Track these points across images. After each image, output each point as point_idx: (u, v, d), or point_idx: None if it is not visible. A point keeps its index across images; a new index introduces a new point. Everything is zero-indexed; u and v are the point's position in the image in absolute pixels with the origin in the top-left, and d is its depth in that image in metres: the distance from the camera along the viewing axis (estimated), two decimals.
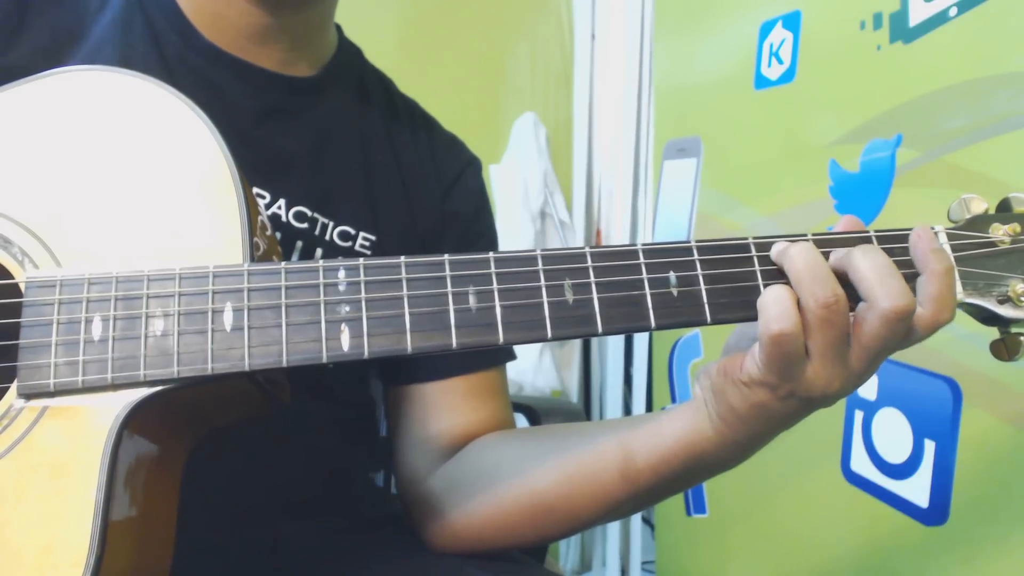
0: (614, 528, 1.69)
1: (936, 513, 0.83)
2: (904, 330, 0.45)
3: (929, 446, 0.84)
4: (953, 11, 0.82)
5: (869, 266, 0.45)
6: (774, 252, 0.47)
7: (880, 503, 0.91)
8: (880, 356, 0.46)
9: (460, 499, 0.62)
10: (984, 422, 0.78)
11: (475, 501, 0.61)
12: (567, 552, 1.80)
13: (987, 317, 0.49)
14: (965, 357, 0.80)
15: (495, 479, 0.60)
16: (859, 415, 0.95)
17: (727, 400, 0.48)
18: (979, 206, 0.50)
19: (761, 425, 0.48)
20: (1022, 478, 0.75)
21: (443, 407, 0.68)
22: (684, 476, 0.52)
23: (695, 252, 0.47)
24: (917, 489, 0.86)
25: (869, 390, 0.93)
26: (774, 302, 0.44)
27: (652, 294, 0.46)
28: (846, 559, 0.98)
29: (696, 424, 0.50)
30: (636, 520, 1.64)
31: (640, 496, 0.55)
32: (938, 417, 0.83)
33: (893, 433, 0.89)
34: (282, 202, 0.64)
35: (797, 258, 0.45)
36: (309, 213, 0.65)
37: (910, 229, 0.48)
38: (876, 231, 0.49)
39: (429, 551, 0.65)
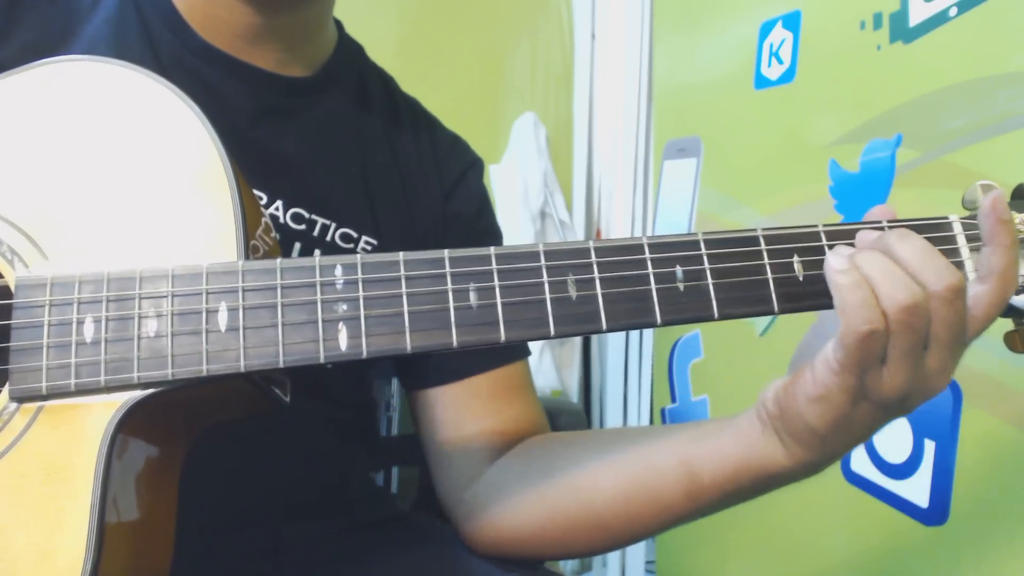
0: None
1: (936, 513, 0.83)
2: (963, 310, 0.43)
3: (929, 446, 0.84)
4: (953, 11, 0.82)
5: (909, 251, 0.43)
6: (836, 265, 0.44)
7: (880, 503, 0.91)
8: (953, 348, 0.44)
9: (510, 509, 0.61)
10: (984, 422, 0.78)
11: (526, 513, 0.60)
12: None
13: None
14: (965, 357, 0.79)
15: (548, 493, 0.59)
16: None
17: (804, 421, 0.45)
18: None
19: (841, 441, 0.46)
20: (1022, 478, 0.74)
21: (471, 409, 0.67)
22: (751, 493, 0.51)
23: (702, 245, 0.45)
24: (917, 489, 0.85)
25: None
26: (861, 304, 0.42)
27: (658, 289, 0.44)
28: (846, 559, 0.98)
29: (766, 448, 0.48)
30: None
31: (702, 511, 0.53)
32: (938, 417, 0.83)
33: (893, 433, 0.89)
34: (279, 203, 0.64)
35: (868, 265, 0.43)
36: (307, 215, 0.65)
37: (923, 220, 0.47)
38: (889, 222, 0.47)
39: (428, 549, 0.65)
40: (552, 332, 0.43)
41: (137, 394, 0.42)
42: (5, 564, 0.40)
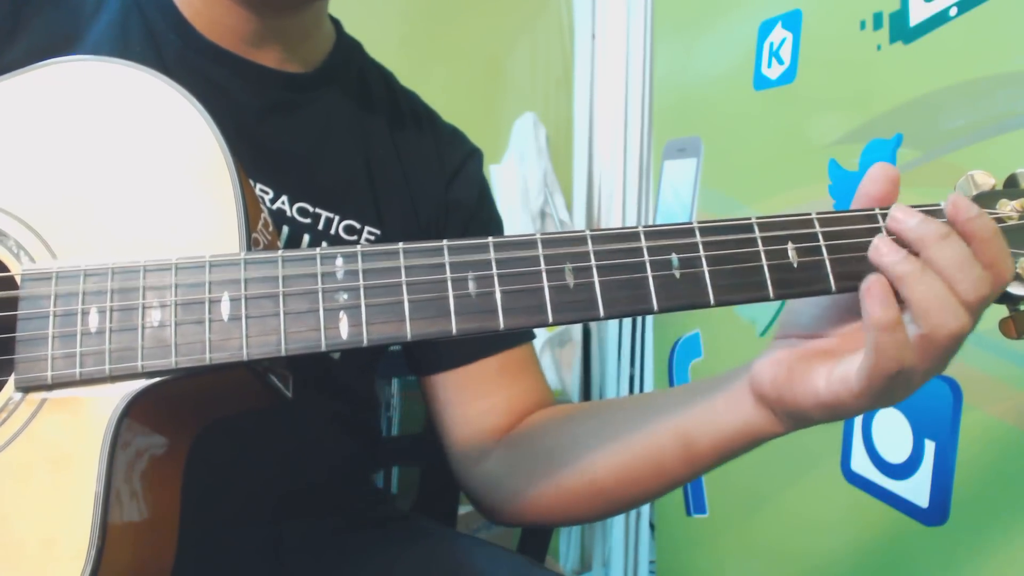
0: (614, 528, 1.69)
1: (936, 513, 0.83)
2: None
3: (929, 446, 0.84)
4: (953, 11, 0.82)
5: (950, 258, 0.43)
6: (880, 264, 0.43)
7: (880, 503, 0.91)
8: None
9: (521, 483, 0.64)
10: (984, 422, 0.78)
11: (536, 486, 0.63)
12: (567, 552, 1.80)
13: None
14: (965, 357, 0.79)
15: (554, 467, 0.62)
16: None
17: (807, 414, 0.47)
18: (986, 181, 0.49)
19: (834, 420, 0.48)
20: (1022, 478, 0.74)
21: (480, 388, 0.70)
22: (743, 452, 0.54)
23: (698, 233, 0.46)
24: (917, 489, 0.85)
25: None
26: (895, 345, 0.42)
27: (654, 276, 0.45)
28: (846, 559, 0.98)
29: (761, 420, 0.50)
30: (637, 520, 1.64)
31: (699, 472, 0.56)
32: (938, 417, 0.83)
33: (893, 433, 0.89)
34: (285, 198, 0.64)
35: (943, 256, 0.42)
36: (311, 209, 0.65)
37: (916, 207, 0.47)
38: (880, 209, 0.48)
39: (427, 549, 0.65)
40: (550, 319, 0.44)
41: (141, 384, 0.42)
42: (9, 553, 0.40)
